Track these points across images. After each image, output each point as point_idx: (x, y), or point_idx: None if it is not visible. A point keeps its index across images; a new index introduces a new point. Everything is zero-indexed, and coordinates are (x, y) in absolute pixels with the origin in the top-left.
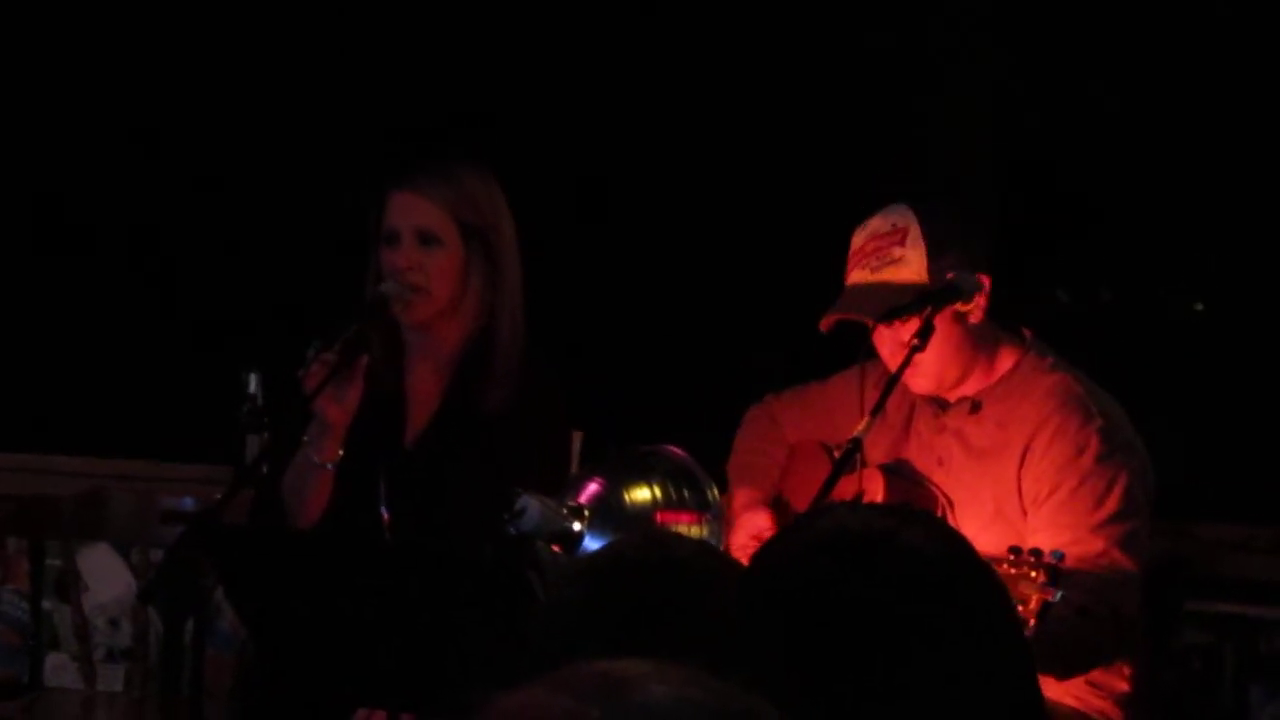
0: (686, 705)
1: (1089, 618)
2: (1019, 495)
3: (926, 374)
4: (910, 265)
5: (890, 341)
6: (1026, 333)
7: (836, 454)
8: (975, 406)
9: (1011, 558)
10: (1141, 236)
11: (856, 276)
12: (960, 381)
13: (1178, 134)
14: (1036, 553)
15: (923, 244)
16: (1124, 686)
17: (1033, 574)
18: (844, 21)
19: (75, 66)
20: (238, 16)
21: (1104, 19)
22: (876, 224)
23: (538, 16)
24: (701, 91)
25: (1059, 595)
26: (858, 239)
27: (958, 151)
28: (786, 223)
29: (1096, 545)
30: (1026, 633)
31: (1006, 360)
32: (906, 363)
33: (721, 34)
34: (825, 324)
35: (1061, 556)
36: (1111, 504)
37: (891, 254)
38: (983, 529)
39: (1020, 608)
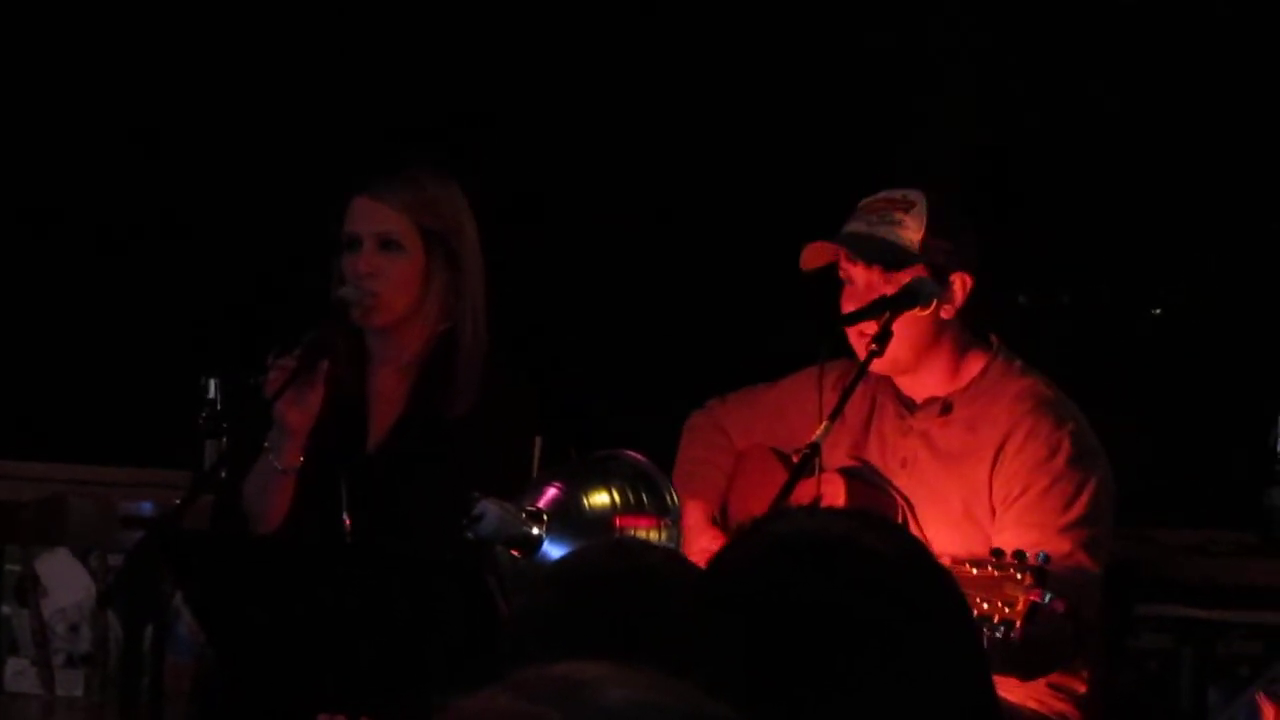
0: (647, 709)
1: (1073, 620)
2: (989, 497)
3: (885, 359)
4: (908, 231)
5: (855, 333)
6: (993, 338)
7: (795, 459)
8: (946, 408)
9: (994, 560)
10: (1101, 241)
11: (853, 227)
12: (914, 369)
13: (1143, 135)
14: (1020, 555)
15: (925, 219)
16: (1083, 689)
17: (1018, 576)
18: (843, 20)
19: (35, 64)
20: (193, 27)
21: (1083, 27)
22: (886, 191)
23: (517, 10)
24: (684, 93)
25: (1047, 597)
26: (863, 201)
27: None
28: (764, 228)
29: (1063, 546)
30: (1013, 635)
31: (975, 364)
32: (866, 364)
33: (708, 30)
34: (808, 256)
35: (1046, 559)
36: (1080, 507)
37: (894, 215)
38: (950, 531)
39: (1006, 610)
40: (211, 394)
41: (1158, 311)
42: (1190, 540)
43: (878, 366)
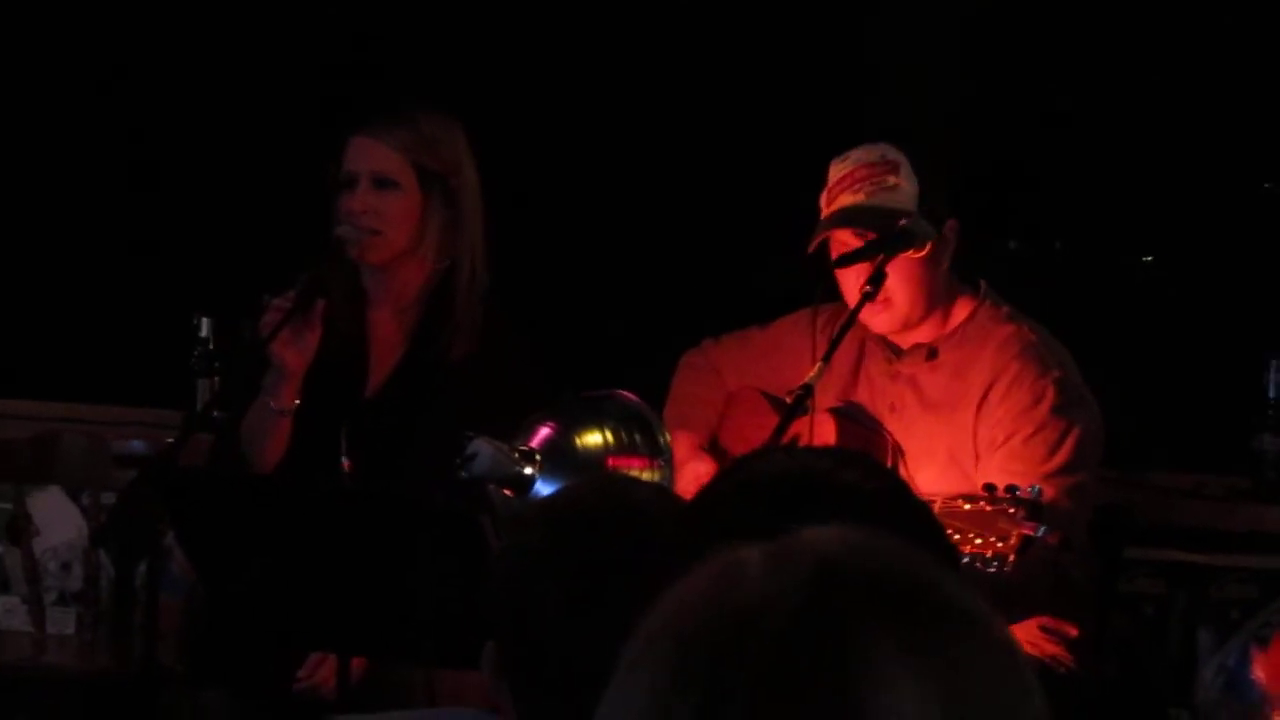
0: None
1: (1065, 553)
2: (974, 443)
3: (894, 314)
4: (904, 194)
5: (852, 283)
6: (981, 283)
7: (788, 399)
8: (932, 354)
9: (988, 495)
10: (1093, 187)
11: (847, 199)
12: (922, 322)
13: (1134, 82)
14: (1013, 488)
15: (915, 178)
16: (1074, 632)
17: (1011, 510)
18: None
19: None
20: None
21: None
22: (862, 154)
23: None
24: (665, 53)
25: (1041, 530)
26: (839, 169)
27: (918, 102)
28: (747, 169)
29: (1048, 493)
30: (1006, 569)
31: (962, 310)
32: (858, 310)
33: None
34: (816, 244)
35: (1039, 491)
36: (1063, 454)
37: (886, 180)
38: (937, 476)
39: (1000, 544)
40: (204, 333)
41: (1149, 258)
42: (1182, 484)
43: (884, 326)
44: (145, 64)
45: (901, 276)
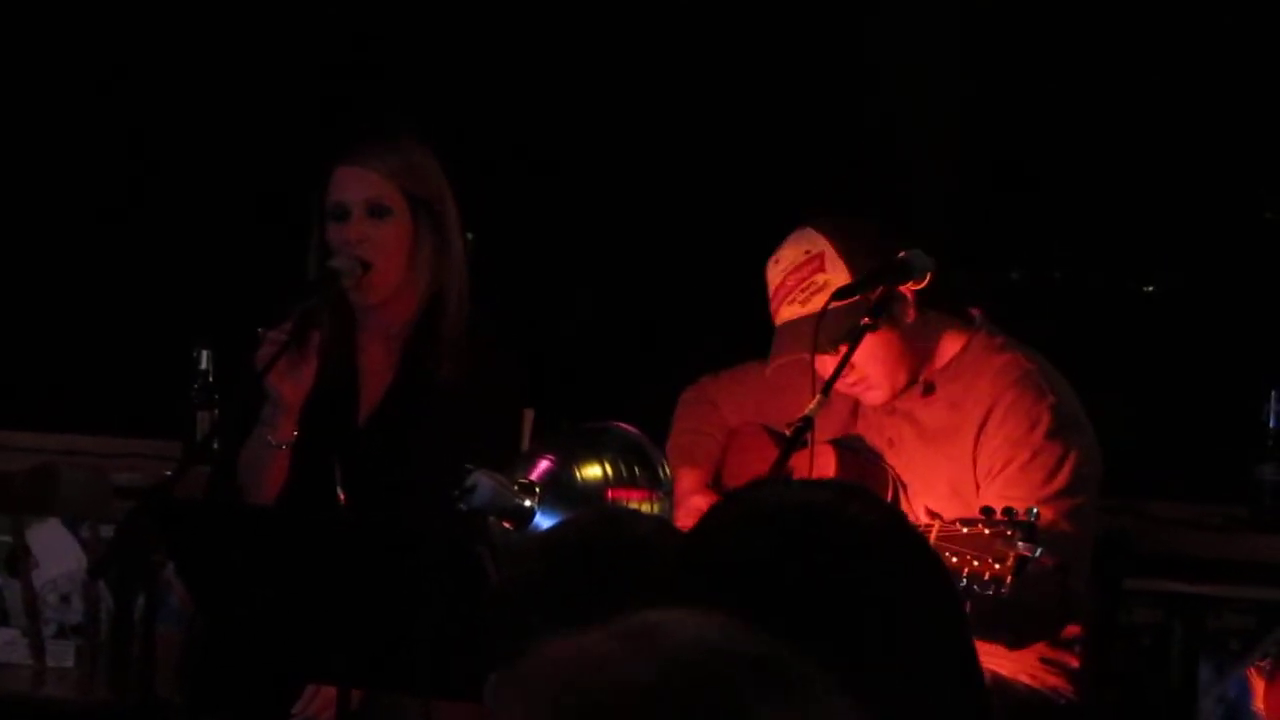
0: (714, 646)
1: (1067, 574)
2: (974, 473)
3: (878, 386)
4: (835, 284)
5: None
6: (975, 312)
7: (788, 432)
8: (928, 389)
9: (984, 518)
10: (1094, 217)
11: (787, 313)
12: (913, 381)
13: (1138, 113)
14: (1010, 511)
15: (841, 262)
16: (1075, 662)
17: (1008, 532)
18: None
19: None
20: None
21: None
22: (789, 255)
23: None
24: (660, 66)
25: (1038, 551)
26: (774, 275)
27: (920, 136)
28: (742, 200)
29: (1047, 516)
30: (1003, 590)
31: (953, 344)
32: (839, 371)
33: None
34: (772, 367)
35: (1036, 514)
36: (1062, 479)
37: (815, 281)
38: (938, 508)
39: (997, 566)
40: (204, 365)
41: (1150, 288)
42: (1182, 514)
43: (877, 399)
44: (138, 98)
45: (867, 356)
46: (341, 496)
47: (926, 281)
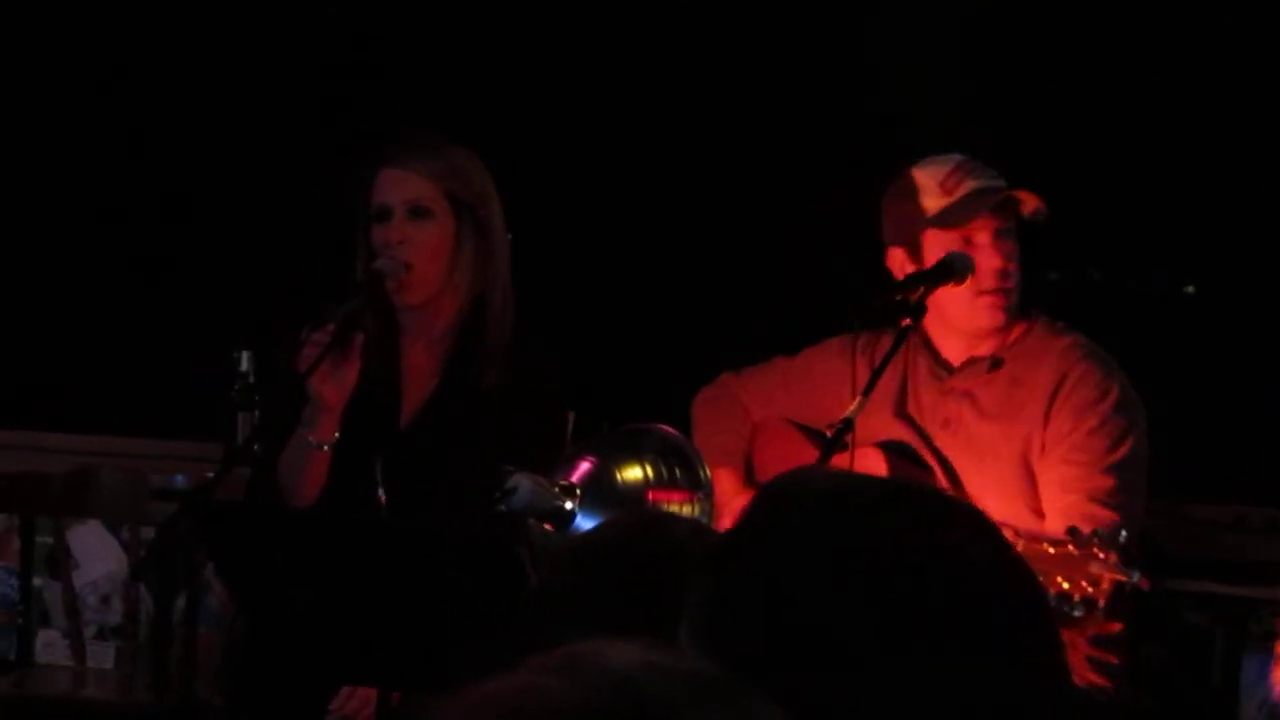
0: (650, 668)
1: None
2: (1036, 448)
3: (1013, 296)
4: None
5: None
6: (1033, 310)
7: (828, 433)
8: (996, 363)
9: (1072, 538)
10: (1132, 217)
11: (985, 182)
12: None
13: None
14: (1100, 534)
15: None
16: (1115, 660)
17: (1102, 555)
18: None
19: (58, 44)
20: (223, 3)
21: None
22: (943, 159)
23: None
24: (688, 73)
25: (1135, 575)
26: (939, 167)
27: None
28: (778, 201)
29: (1108, 483)
30: (1093, 612)
31: (1017, 327)
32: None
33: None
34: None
35: (1122, 532)
36: (1124, 450)
37: (993, 173)
38: (998, 488)
39: (1090, 588)
40: (244, 366)
41: (1190, 289)
42: (1223, 516)
43: (1000, 315)
44: (179, 100)
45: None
46: (382, 499)
47: (966, 282)
